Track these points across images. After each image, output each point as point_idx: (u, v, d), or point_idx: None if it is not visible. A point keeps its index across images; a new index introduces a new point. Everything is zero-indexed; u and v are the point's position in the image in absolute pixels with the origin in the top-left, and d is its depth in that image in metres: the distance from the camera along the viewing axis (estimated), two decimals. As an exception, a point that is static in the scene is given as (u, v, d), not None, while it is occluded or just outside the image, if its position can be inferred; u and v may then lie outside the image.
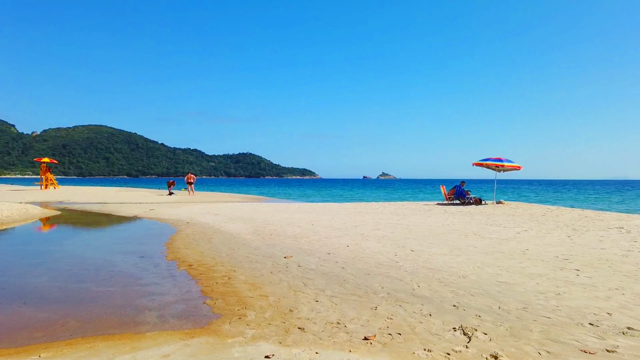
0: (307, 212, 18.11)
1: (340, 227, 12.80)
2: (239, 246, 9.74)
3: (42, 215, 16.49)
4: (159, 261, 8.13)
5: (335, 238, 10.74)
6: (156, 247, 9.70)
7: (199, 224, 14.28)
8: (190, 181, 34.63)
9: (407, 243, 9.87)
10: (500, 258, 8.12)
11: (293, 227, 13.07)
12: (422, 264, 7.66)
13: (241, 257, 8.48)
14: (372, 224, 13.50)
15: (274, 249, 9.36)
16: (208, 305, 5.37)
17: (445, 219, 14.65)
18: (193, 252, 9.02)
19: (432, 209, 18.94)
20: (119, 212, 18.90)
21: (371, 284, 6.28)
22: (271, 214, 17.53)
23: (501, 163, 20.25)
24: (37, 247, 9.67)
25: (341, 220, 14.67)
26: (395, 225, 13.26)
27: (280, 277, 6.81)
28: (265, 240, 10.60)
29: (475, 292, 5.85)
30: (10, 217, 14.52)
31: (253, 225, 13.51)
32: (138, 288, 6.17)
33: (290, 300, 5.51)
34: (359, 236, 11.02)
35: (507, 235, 11.04)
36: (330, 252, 8.88)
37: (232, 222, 14.61)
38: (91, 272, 7.16)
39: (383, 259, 8.13)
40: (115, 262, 7.98)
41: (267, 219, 15.48)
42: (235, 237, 11.10)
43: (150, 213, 18.06)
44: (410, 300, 5.49)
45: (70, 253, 8.92)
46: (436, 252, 8.71)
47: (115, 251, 9.17)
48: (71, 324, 4.68)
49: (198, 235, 11.63)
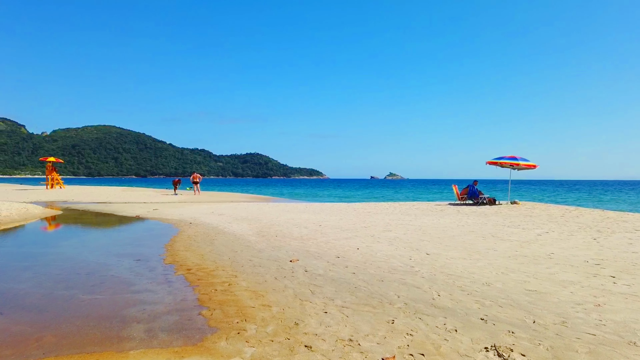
0: (315, 213, 17.52)
1: (349, 228, 12.19)
2: (242, 248, 9.17)
3: (42, 215, 16.05)
4: (156, 265, 7.58)
5: (345, 240, 10.14)
6: (155, 249, 9.16)
7: (202, 224, 13.75)
8: (196, 180, 34.19)
9: (422, 246, 9.23)
10: (525, 263, 7.46)
11: (300, 228, 12.48)
12: (440, 269, 7.03)
13: (244, 260, 7.91)
14: (383, 225, 12.87)
15: (280, 251, 8.78)
16: (204, 316, 4.79)
17: (459, 220, 13.97)
18: (193, 255, 8.46)
19: (444, 209, 18.25)
20: (122, 212, 18.43)
21: (386, 292, 5.66)
22: (277, 214, 16.95)
23: (516, 162, 19.49)
24: (29, 249, 9.17)
25: (350, 221, 14.05)
26: (407, 226, 12.61)
27: (285, 283, 6.22)
28: (271, 242, 10.03)
29: (503, 302, 5.21)
30: (9, 217, 14.08)
31: (258, 226, 12.94)
32: (129, 296, 5.60)
33: (296, 311, 4.92)
34: (369, 238, 10.40)
35: (527, 237, 10.36)
36: (340, 255, 8.27)
37: (237, 222, 14.05)
38: (81, 276, 6.62)
39: (397, 263, 7.51)
40: (109, 266, 7.44)
41: (273, 219, 14.91)
42: (239, 239, 10.53)
43: (154, 213, 17.57)
44: (430, 312, 4.87)
45: (63, 255, 8.40)
46: (454, 256, 8.07)
47: (111, 253, 8.63)
48: (47, 340, 4.12)
49: (200, 236, 11.08)
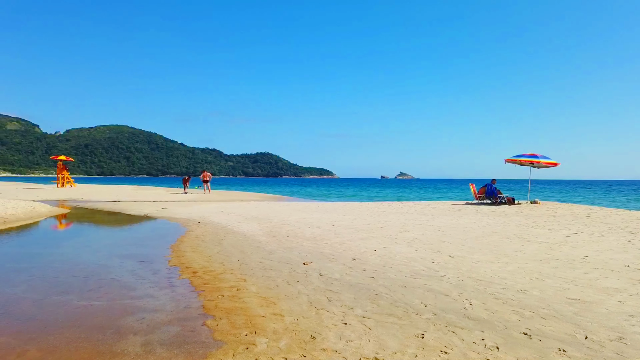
0: (327, 212, 16.97)
1: (364, 229, 11.62)
2: (252, 249, 8.66)
3: (49, 213, 15.74)
4: (160, 267, 7.10)
5: (360, 241, 9.58)
6: (160, 250, 8.69)
7: (210, 223, 13.28)
8: (206, 179, 33.81)
9: (443, 247, 8.64)
10: (559, 267, 6.83)
11: (312, 227, 11.95)
12: (467, 273, 6.44)
13: (254, 262, 7.39)
14: (399, 225, 12.28)
15: (292, 253, 8.25)
16: (209, 327, 4.28)
17: (479, 220, 13.32)
18: (200, 257, 7.98)
19: (462, 208, 17.58)
20: (130, 210, 18.08)
21: (411, 300, 5.10)
22: (288, 213, 16.44)
23: (536, 159, 18.73)
24: (29, 249, 8.77)
25: (364, 221, 13.48)
26: (425, 226, 12.01)
27: (298, 288, 5.69)
28: (282, 242, 9.50)
29: (545, 313, 4.62)
30: (15, 216, 13.76)
31: (269, 226, 12.44)
32: (128, 302, 5.11)
33: (312, 322, 4.38)
34: (386, 239, 9.83)
35: (556, 238, 9.69)
36: (356, 257, 7.72)
37: (247, 222, 13.57)
38: (79, 280, 6.16)
39: (419, 266, 6.93)
40: (110, 268, 6.98)
41: (284, 218, 14.40)
42: (249, 239, 10.03)
43: (162, 212, 17.18)
44: (464, 324, 4.30)
45: (63, 256, 7.97)
46: (480, 259, 7.47)
47: (113, 254, 8.18)
48: (30, 355, 3.63)
49: (208, 236, 10.61)
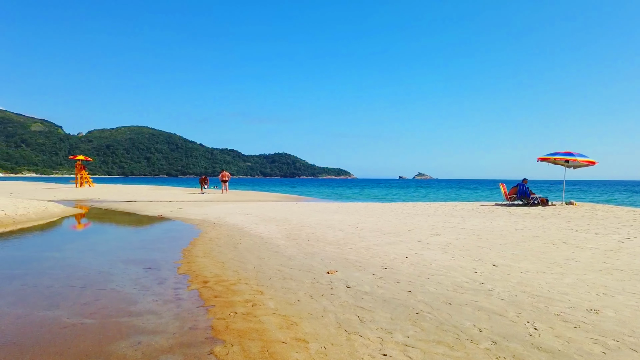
0: (348, 213, 16.12)
1: (390, 232, 10.74)
2: (269, 255, 7.88)
3: (62, 214, 15.29)
4: (168, 275, 6.37)
5: (388, 245, 8.71)
6: (170, 255, 7.98)
7: (226, 225, 12.58)
8: (225, 179, 33.29)
9: (483, 254, 7.70)
10: (626, 280, 5.85)
11: (334, 230, 11.12)
12: (519, 287, 5.51)
13: (272, 270, 6.61)
14: (428, 228, 11.35)
15: (313, 259, 7.43)
16: (217, 357, 3.49)
17: (514, 223, 12.29)
18: (213, 263, 7.23)
19: (492, 210, 16.51)
20: (144, 211, 17.54)
21: (461, 322, 4.22)
22: (308, 214, 15.65)
23: (572, 157, 17.50)
24: (30, 253, 8.16)
25: (389, 223, 12.59)
26: (456, 229, 11.06)
27: (323, 304, 4.87)
28: (302, 247, 8.70)
29: (632, 342, 3.69)
30: (26, 216, 13.31)
31: (287, 228, 11.66)
32: (125, 320, 4.37)
33: (343, 352, 3.55)
34: (416, 243, 8.93)
35: (608, 244, 8.65)
36: (387, 265, 6.86)
37: (264, 223, 12.82)
38: (75, 290, 5.46)
39: (460, 277, 6.03)
40: (112, 275, 6.27)
41: (304, 220, 13.61)
42: (266, 243, 9.26)
43: (177, 212, 16.58)
44: (536, 357, 3.41)
45: (64, 261, 7.31)
46: (529, 269, 6.52)
47: (119, 259, 7.50)
48: (-10, 395, 2.90)
49: (223, 239, 9.88)
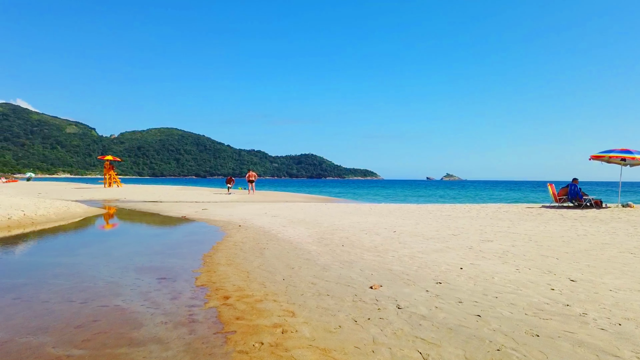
0: (383, 215, 15.00)
1: (434, 236, 9.60)
2: (300, 263, 6.90)
3: (83, 214, 14.77)
4: (184, 287, 5.46)
5: (435, 253, 7.58)
6: (189, 262, 7.11)
7: (252, 227, 11.69)
8: (251, 179, 32.60)
9: (552, 265, 6.49)
10: None
11: (370, 234, 10.05)
12: (617, 311, 4.32)
13: (304, 283, 5.61)
14: (476, 233, 10.14)
15: (351, 269, 6.40)
16: (235, 419, 2.50)
17: (573, 227, 10.92)
18: (236, 272, 6.29)
19: (542, 213, 15.06)
20: (169, 211, 16.90)
21: (565, 368, 3.10)
22: (339, 216, 14.62)
23: (631, 155, 15.85)
24: (38, 258, 7.44)
25: (431, 227, 11.42)
26: (509, 234, 9.81)
27: (372, 332, 3.83)
28: (337, 253, 7.68)
29: None
30: (45, 217, 12.79)
31: (318, 231, 10.66)
32: (122, 353, 3.44)
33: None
34: (467, 251, 7.78)
35: (701, 255, 7.27)
36: (440, 278, 5.75)
37: (293, 226, 11.87)
38: (73, 307, 4.60)
39: (536, 296, 4.87)
40: (121, 288, 5.41)
41: (335, 222, 12.59)
42: (296, 248, 8.29)
43: (202, 213, 15.85)
44: None
45: (72, 269, 6.52)
46: (618, 286, 5.29)
47: (133, 267, 6.67)
48: None
49: (249, 243, 8.97)
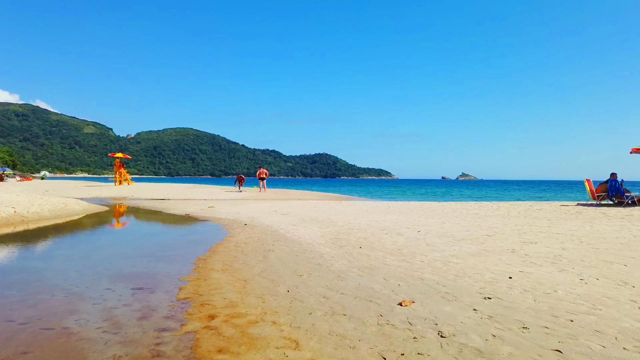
0: (403, 213, 13.73)
1: (465, 237, 8.32)
2: (310, 269, 5.71)
3: (82, 212, 13.83)
4: (161, 301, 4.32)
5: (472, 258, 6.32)
6: (178, 266, 5.98)
7: (259, 226, 10.56)
8: (262, 176, 31.32)
9: (623, 274, 5.17)
10: None
11: (391, 234, 8.82)
12: None
13: (313, 296, 4.43)
14: (513, 233, 8.82)
15: (373, 277, 5.19)
16: None
17: (624, 228, 9.51)
18: (231, 281, 5.14)
19: (580, 211, 13.62)
20: (173, 209, 15.88)
21: None
22: (355, 214, 13.40)
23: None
24: (5, 262, 6.39)
25: (459, 226, 10.13)
26: (552, 235, 8.47)
27: (409, 378, 2.63)
28: (354, 257, 6.47)
29: None
30: (38, 215, 11.85)
31: (332, 231, 9.47)
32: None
33: None
34: (510, 255, 6.49)
35: None
36: (487, 292, 4.50)
37: (304, 225, 10.69)
38: (7, 330, 3.48)
39: (624, 319, 3.59)
40: (81, 302, 4.30)
41: (351, 221, 11.38)
42: (306, 250, 7.10)
43: (207, 211, 14.79)
44: None
45: (33, 276, 5.44)
46: None
47: (108, 273, 5.57)
48: None
49: (252, 244, 7.82)
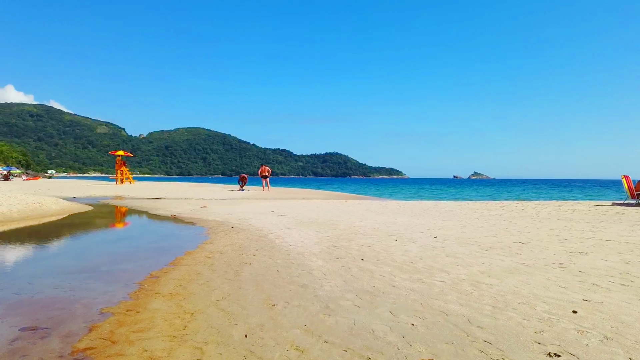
0: (415, 214, 12.11)
1: (494, 245, 6.68)
2: (290, 294, 4.16)
3: (57, 212, 12.46)
4: (44, 356, 2.80)
5: (510, 276, 4.70)
6: (114, 289, 4.47)
7: (248, 229, 9.04)
8: (265, 174, 29.27)
9: None
10: None
11: (402, 240, 7.22)
12: None
13: (282, 347, 2.87)
14: (552, 240, 7.15)
15: (375, 311, 3.62)
16: None
17: (688, 232, 7.80)
18: (171, 315, 3.61)
19: (620, 212, 11.86)
20: (162, 209, 14.44)
21: None
22: (361, 215, 11.81)
23: None
24: None
25: (483, 230, 8.49)
26: (602, 243, 6.79)
27: None
28: (352, 275, 4.89)
29: None
30: (3, 215, 10.50)
31: (331, 236, 7.90)
32: None
33: None
34: (558, 271, 4.85)
35: None
36: (548, 341, 2.89)
37: (300, 228, 9.14)
38: None
39: None
40: None
41: (355, 223, 9.81)
42: (292, 263, 5.55)
43: (197, 212, 13.33)
44: None
45: None
46: None
47: (11, 299, 4.08)
48: None
49: (229, 254, 6.29)
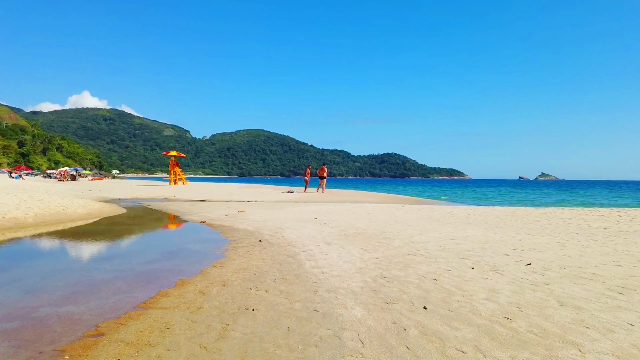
0: (490, 225, 9.77)
1: (627, 284, 4.42)
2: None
3: (81, 218, 11.45)
4: None
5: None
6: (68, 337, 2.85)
7: (277, 244, 7.30)
8: (324, 175, 27.40)
9: None
10: None
11: (481, 269, 5.13)
12: None
13: None
14: None
15: None
16: None
17: None
18: None
19: None
20: (197, 213, 13.09)
21: None
22: (421, 226, 9.70)
23: None
24: None
25: (596, 254, 6.14)
26: None
27: None
28: (410, 345, 2.96)
29: None
30: (15, 220, 9.47)
31: (380, 259, 5.94)
32: None
33: None
34: None
35: None
36: None
37: (341, 243, 7.25)
38: None
39: None
40: None
41: (413, 237, 7.77)
42: (316, 312, 3.69)
43: (233, 217, 11.83)
44: None
45: None
46: None
47: None
48: None
49: (234, 287, 4.56)
